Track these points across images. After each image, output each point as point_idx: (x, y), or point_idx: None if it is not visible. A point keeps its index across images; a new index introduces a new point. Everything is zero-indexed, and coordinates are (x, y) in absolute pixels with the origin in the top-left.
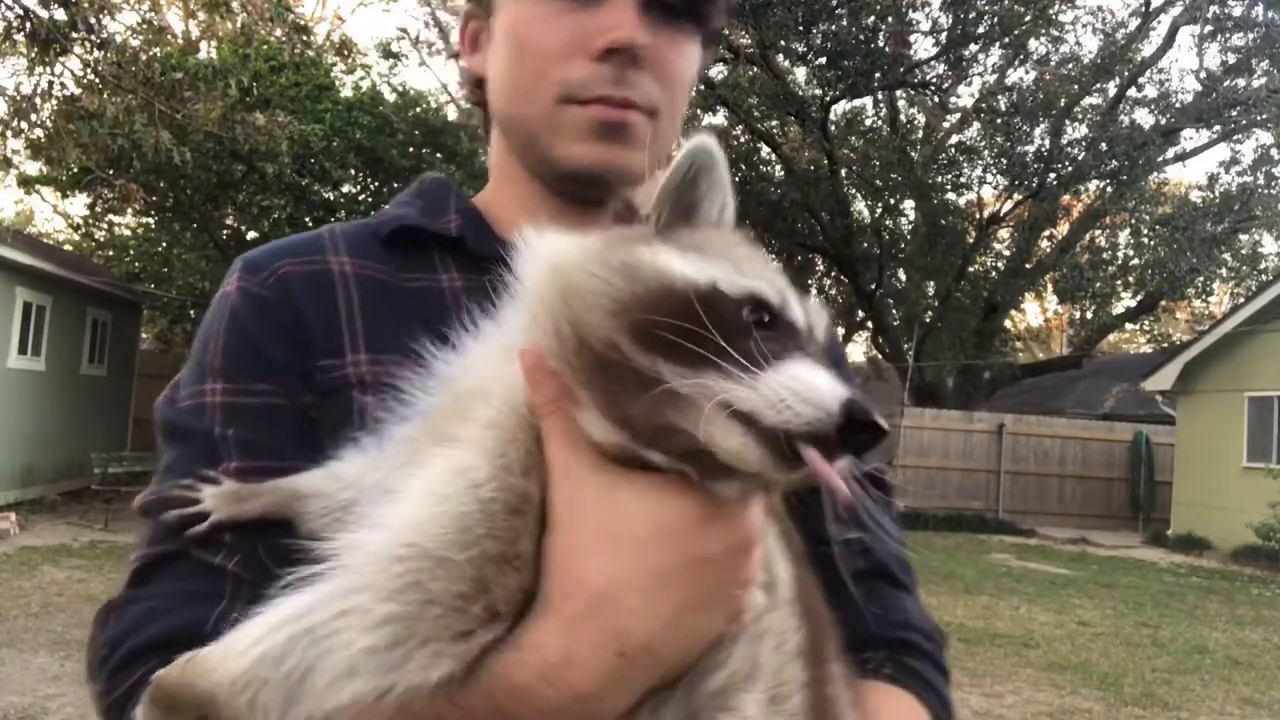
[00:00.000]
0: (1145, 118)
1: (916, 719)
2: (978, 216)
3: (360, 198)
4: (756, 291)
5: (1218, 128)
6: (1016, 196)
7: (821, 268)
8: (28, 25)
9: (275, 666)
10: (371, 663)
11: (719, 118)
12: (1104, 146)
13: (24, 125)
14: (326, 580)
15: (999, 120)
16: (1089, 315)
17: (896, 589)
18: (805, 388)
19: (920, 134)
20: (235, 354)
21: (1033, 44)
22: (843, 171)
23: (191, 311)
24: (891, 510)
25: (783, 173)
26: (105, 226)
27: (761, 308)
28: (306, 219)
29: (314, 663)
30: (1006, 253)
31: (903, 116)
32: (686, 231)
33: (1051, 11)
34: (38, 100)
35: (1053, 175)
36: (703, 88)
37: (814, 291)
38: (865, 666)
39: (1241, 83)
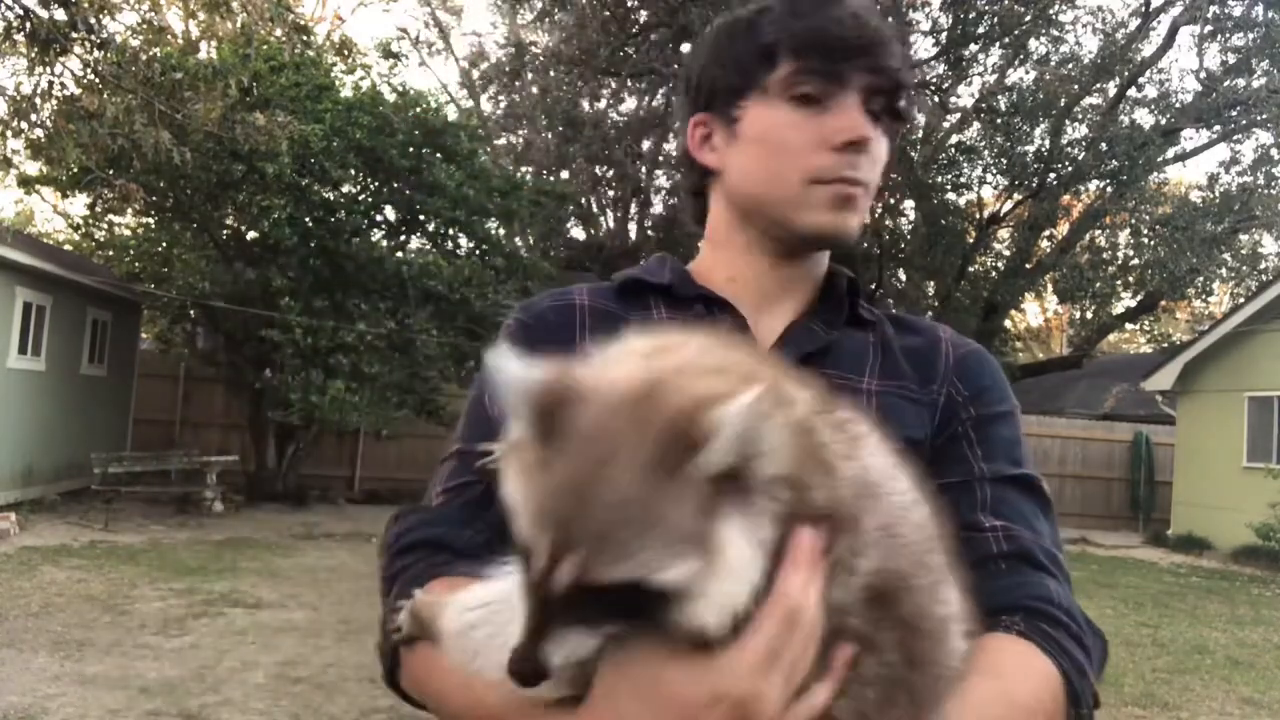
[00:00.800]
0: (1145, 118)
1: (1035, 665)
2: (978, 216)
3: (360, 198)
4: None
5: (1218, 128)
6: (1016, 196)
7: None
8: (28, 25)
9: (467, 638)
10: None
11: None
12: (1104, 146)
13: (24, 125)
14: (508, 579)
15: (999, 120)
16: (1089, 315)
17: (1040, 571)
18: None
19: (920, 134)
20: None
21: (1033, 44)
22: None
23: (191, 311)
24: (1047, 513)
25: None
26: (105, 226)
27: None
28: (306, 219)
29: (483, 644)
30: (1006, 253)
31: None
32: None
33: (1051, 11)
34: (38, 100)
35: (1053, 175)
36: None
37: None
38: (997, 625)
39: (1241, 83)
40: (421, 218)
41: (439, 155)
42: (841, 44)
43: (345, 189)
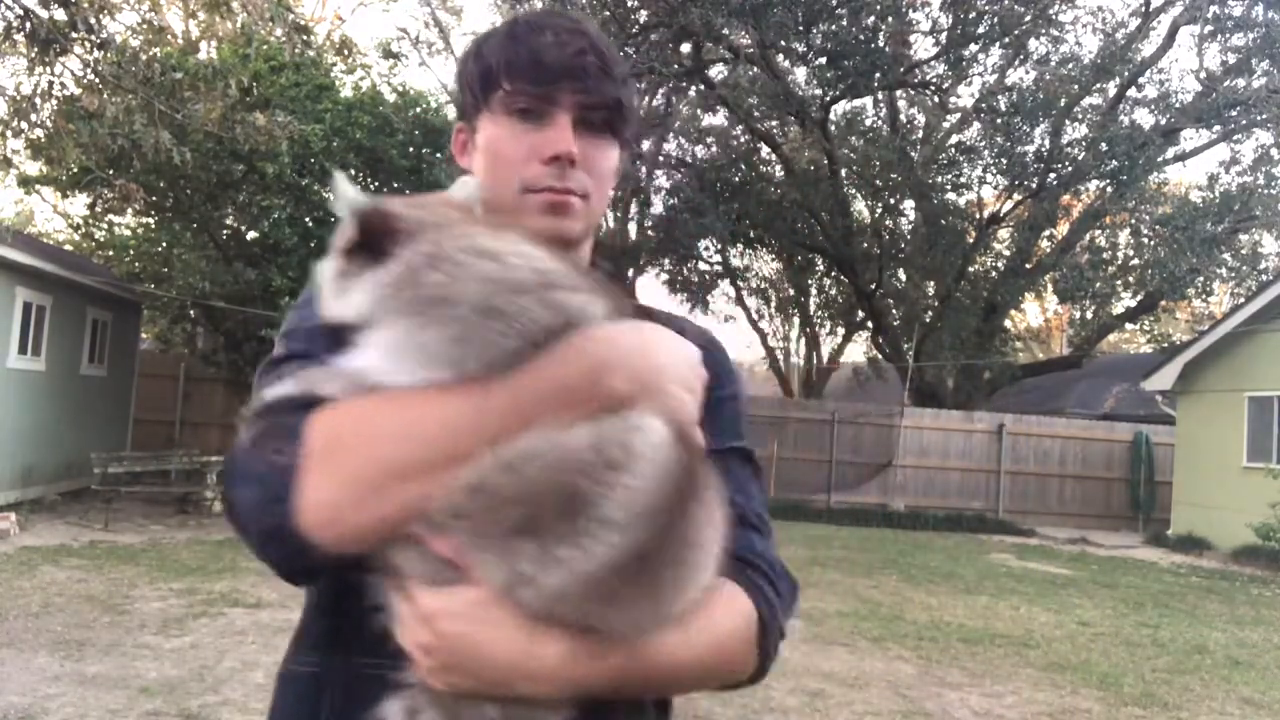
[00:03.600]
0: (1145, 118)
1: (739, 604)
2: (978, 216)
3: None
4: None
5: (1218, 128)
6: (1016, 196)
7: (821, 268)
8: (28, 25)
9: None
10: None
11: (719, 118)
12: (1104, 146)
13: (24, 125)
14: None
15: (999, 120)
16: (1089, 315)
17: (749, 529)
18: None
19: (920, 134)
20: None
21: (1033, 44)
22: (843, 171)
23: (191, 311)
24: (758, 478)
25: (783, 173)
26: (105, 226)
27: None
28: (306, 219)
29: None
30: (1006, 253)
31: (903, 116)
32: None
33: (1051, 11)
34: (38, 100)
35: (1053, 175)
36: (702, 88)
37: (814, 291)
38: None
39: (1241, 83)
40: None
41: (439, 155)
42: (548, 67)
43: None
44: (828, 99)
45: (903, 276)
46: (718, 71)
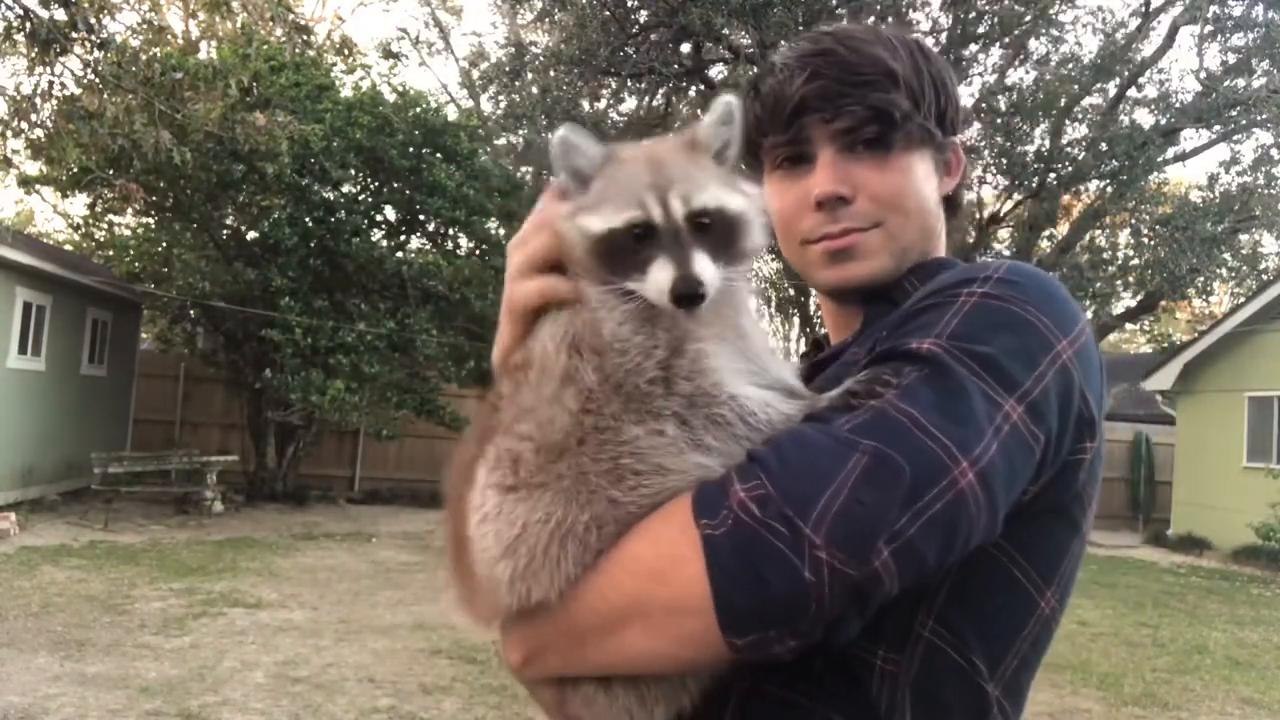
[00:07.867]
0: (1145, 118)
1: (668, 510)
2: (978, 216)
3: (360, 198)
4: (630, 220)
5: (1218, 128)
6: (1016, 196)
7: None
8: (28, 25)
9: None
10: None
11: None
12: (1104, 146)
13: (24, 125)
14: None
15: (999, 120)
16: (1089, 315)
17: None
18: (652, 284)
19: None
20: None
21: (1033, 44)
22: None
23: (191, 311)
24: (895, 377)
25: None
26: (105, 226)
27: (635, 229)
28: (306, 219)
29: None
30: (1007, 253)
31: None
32: (595, 187)
33: (1051, 11)
34: (38, 100)
35: (1053, 175)
36: (702, 88)
37: (814, 291)
38: None
39: (1241, 83)
40: (421, 218)
41: (439, 155)
42: (786, 108)
43: (345, 189)
44: None
45: None
46: (718, 71)
